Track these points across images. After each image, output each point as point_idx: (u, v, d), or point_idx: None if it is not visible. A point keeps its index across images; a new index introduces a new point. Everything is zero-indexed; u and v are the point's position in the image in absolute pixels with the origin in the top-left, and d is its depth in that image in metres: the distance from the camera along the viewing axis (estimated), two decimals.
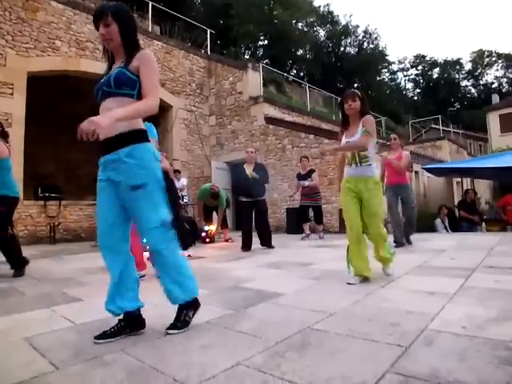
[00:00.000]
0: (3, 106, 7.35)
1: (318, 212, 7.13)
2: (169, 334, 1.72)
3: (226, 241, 6.91)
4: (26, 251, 4.03)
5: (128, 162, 1.64)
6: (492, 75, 42.44)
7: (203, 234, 6.75)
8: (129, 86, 1.66)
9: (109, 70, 1.77)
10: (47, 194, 8.03)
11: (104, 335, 1.67)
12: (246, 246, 5.35)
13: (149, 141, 1.75)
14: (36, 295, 2.75)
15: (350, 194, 2.90)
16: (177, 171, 8.14)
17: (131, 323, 1.76)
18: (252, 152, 5.65)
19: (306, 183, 6.86)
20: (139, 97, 1.68)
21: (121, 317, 1.75)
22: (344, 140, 2.96)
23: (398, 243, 5.02)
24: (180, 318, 1.78)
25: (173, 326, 1.75)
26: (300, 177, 7.00)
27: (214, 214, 7.03)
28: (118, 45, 1.72)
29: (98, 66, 8.53)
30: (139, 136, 1.71)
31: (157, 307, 2.15)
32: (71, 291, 2.79)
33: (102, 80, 1.72)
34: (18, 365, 1.45)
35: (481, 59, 40.12)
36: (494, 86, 39.31)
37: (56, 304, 2.40)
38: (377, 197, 2.93)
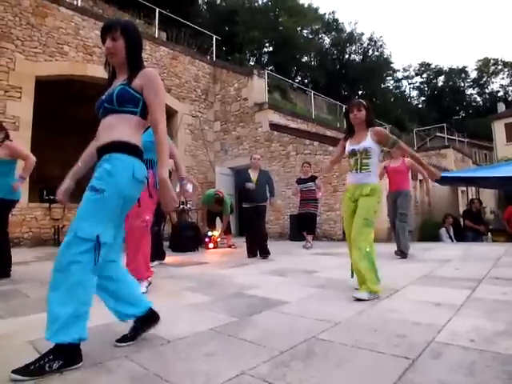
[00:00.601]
0: (11, 109, 7.42)
1: (312, 220, 6.81)
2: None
3: (229, 246, 6.90)
4: (31, 253, 4.05)
5: (103, 165, 1.59)
6: (498, 84, 42.52)
7: (206, 240, 6.74)
8: (131, 103, 1.63)
9: (109, 84, 1.74)
10: (52, 197, 8.04)
11: (125, 338, 1.70)
12: (252, 252, 5.32)
13: (136, 156, 1.62)
14: (40, 298, 2.74)
15: (348, 203, 2.89)
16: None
17: (145, 321, 1.77)
18: (258, 159, 5.69)
19: (304, 189, 6.78)
20: (142, 114, 1.67)
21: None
22: (349, 147, 2.97)
23: (398, 253, 4.97)
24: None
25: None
26: (300, 181, 6.84)
27: (218, 219, 7.03)
28: (121, 61, 1.71)
29: (104, 71, 8.61)
30: (124, 147, 1.60)
31: (161, 312, 2.14)
32: None
33: (104, 97, 1.68)
34: None
35: (486, 67, 40.11)
36: (499, 94, 39.27)
37: None
38: (369, 202, 2.78)
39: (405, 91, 42.49)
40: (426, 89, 42.53)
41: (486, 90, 40.91)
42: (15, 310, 2.38)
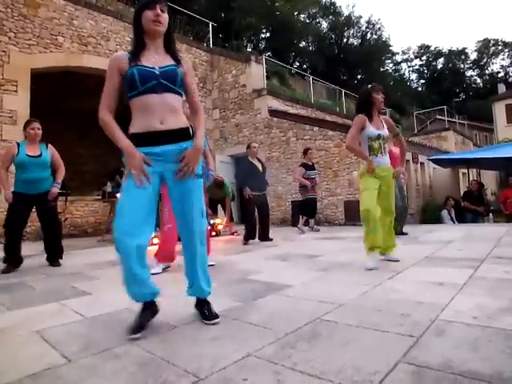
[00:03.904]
0: (8, 103, 7.35)
1: (316, 205, 7.10)
2: (210, 324, 1.76)
3: (232, 234, 6.92)
4: (34, 246, 4.08)
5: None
6: (498, 64, 41.97)
7: (208, 228, 6.75)
8: (183, 87, 1.79)
9: (137, 54, 1.70)
10: None
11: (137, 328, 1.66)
12: (250, 238, 5.36)
13: None
14: (46, 289, 2.77)
15: (373, 177, 3.02)
16: None
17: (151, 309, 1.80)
18: (258, 147, 5.78)
19: (313, 176, 6.79)
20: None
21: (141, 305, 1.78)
22: (373, 130, 3.07)
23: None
24: (211, 309, 1.84)
25: (211, 317, 1.79)
26: (308, 167, 6.74)
27: (219, 207, 7.03)
28: (161, 34, 1.75)
29: (100, 62, 8.51)
30: (192, 133, 1.81)
31: (168, 299, 2.15)
32: (80, 285, 2.80)
33: (156, 71, 1.67)
34: (31, 357, 1.46)
35: (486, 48, 39.53)
36: (500, 75, 38.79)
37: (66, 298, 2.42)
38: (393, 184, 3.26)
39: (404, 74, 42.00)
40: (426, 71, 41.99)
41: (486, 72, 40.41)
42: (21, 301, 2.40)
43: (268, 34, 27.59)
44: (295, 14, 27.51)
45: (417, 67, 42.44)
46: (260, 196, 5.44)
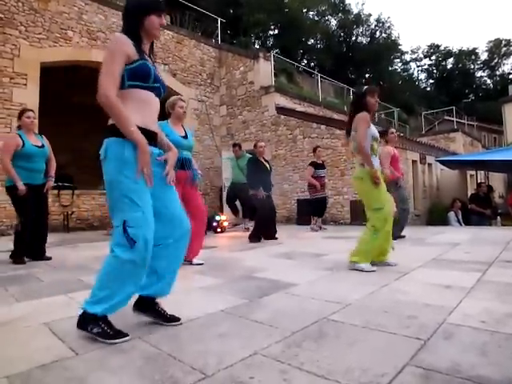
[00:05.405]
0: (17, 96, 7.41)
1: (326, 204, 7.09)
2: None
3: (247, 229, 6.83)
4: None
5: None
6: (509, 65, 41.30)
7: (214, 224, 6.77)
8: None
9: (143, 54, 1.65)
10: (60, 184, 8.10)
11: None
12: (259, 238, 5.30)
13: None
14: (53, 282, 2.80)
15: (382, 187, 2.92)
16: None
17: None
18: (265, 146, 5.77)
19: (322, 175, 6.77)
20: None
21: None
22: (375, 131, 2.95)
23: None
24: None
25: None
26: (318, 166, 6.72)
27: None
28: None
29: None
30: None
31: (172, 294, 2.16)
32: (87, 278, 2.81)
33: (161, 78, 1.70)
34: (39, 349, 1.47)
35: (498, 49, 38.94)
36: (511, 76, 38.23)
37: (73, 291, 2.43)
38: None
39: (413, 74, 41.51)
40: (435, 71, 41.50)
41: (497, 72, 39.79)
42: (30, 293, 2.43)
43: (276, 31, 27.44)
44: (304, 11, 27.34)
45: (426, 67, 41.95)
46: (268, 196, 5.43)
